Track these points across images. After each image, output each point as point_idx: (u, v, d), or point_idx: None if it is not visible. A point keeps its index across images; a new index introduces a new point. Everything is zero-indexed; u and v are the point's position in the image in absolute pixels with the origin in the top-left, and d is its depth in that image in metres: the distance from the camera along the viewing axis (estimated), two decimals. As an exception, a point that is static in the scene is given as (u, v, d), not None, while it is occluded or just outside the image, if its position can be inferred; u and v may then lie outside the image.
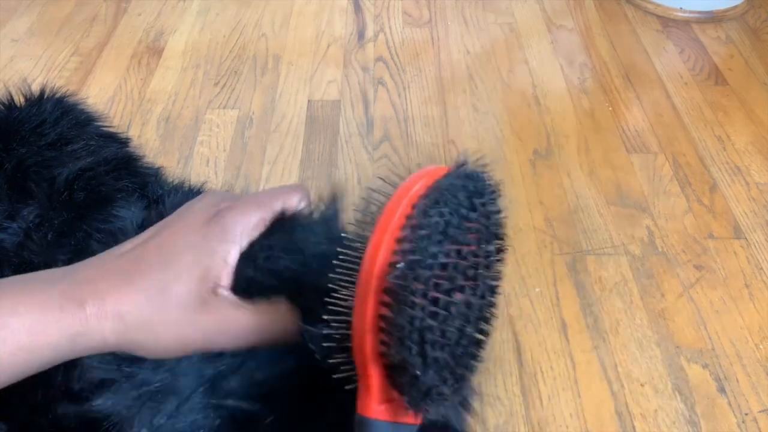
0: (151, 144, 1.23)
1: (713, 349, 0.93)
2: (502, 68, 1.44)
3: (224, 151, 1.22)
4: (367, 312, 0.37)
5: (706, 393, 0.88)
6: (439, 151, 1.23)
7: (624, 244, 1.07)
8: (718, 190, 1.16)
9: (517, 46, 1.50)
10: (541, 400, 0.87)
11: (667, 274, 1.02)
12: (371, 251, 0.37)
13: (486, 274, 0.39)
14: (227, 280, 0.44)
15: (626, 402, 0.87)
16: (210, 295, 0.43)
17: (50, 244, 0.59)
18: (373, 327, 0.37)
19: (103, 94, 1.34)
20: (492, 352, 0.92)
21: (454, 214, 0.38)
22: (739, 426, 0.85)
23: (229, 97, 1.35)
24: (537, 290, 1.00)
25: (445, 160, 1.21)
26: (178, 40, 1.50)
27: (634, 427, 0.85)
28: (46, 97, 0.69)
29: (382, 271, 0.37)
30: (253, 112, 1.31)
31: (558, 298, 0.99)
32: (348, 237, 0.41)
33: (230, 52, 1.47)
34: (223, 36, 1.52)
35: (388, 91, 1.37)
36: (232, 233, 0.44)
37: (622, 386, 0.89)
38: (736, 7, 1.61)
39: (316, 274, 0.42)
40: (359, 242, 0.39)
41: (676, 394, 0.88)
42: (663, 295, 0.99)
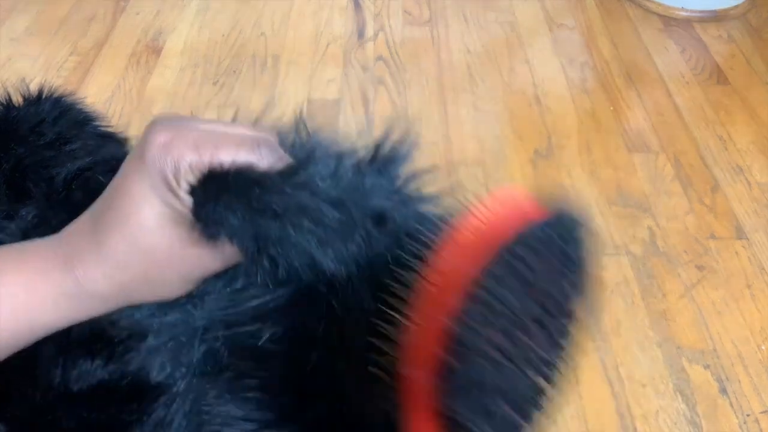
0: (150, 143, 1.22)
1: (715, 350, 0.93)
2: (503, 67, 1.43)
3: (224, 150, 1.22)
4: (427, 351, 0.34)
5: (707, 394, 0.88)
6: (440, 150, 1.23)
7: (625, 245, 1.06)
8: (720, 190, 1.16)
9: (518, 45, 1.50)
10: (542, 401, 0.87)
11: (669, 275, 1.02)
12: (444, 288, 0.34)
13: (559, 325, 0.36)
14: (190, 219, 0.43)
15: (627, 403, 0.87)
16: (186, 230, 0.43)
17: (48, 245, 0.59)
18: (434, 372, 0.34)
19: (101, 94, 1.34)
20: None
21: (535, 260, 0.34)
22: (741, 427, 0.85)
23: (228, 97, 1.34)
24: (538, 290, 0.99)
25: (445, 160, 1.21)
26: (176, 39, 1.50)
27: (635, 428, 0.84)
28: (44, 96, 0.68)
29: (451, 312, 0.33)
30: (253, 112, 1.30)
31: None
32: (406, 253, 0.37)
33: (229, 51, 1.47)
34: (222, 35, 1.51)
35: (388, 90, 1.37)
36: (173, 176, 0.43)
37: (624, 387, 0.88)
38: (738, 6, 1.61)
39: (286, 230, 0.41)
40: (424, 272, 0.35)
41: (678, 394, 0.88)
42: (664, 296, 0.99)
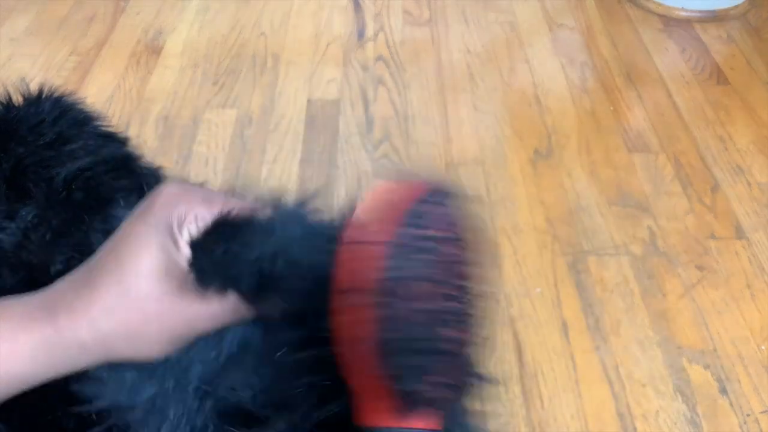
0: (149, 143, 1.22)
1: (715, 350, 0.93)
2: (503, 67, 1.43)
3: (223, 150, 1.22)
4: (356, 328, 0.38)
5: (707, 394, 0.88)
6: (440, 150, 1.23)
7: (625, 245, 1.06)
8: (720, 190, 1.16)
9: (518, 45, 1.50)
10: (542, 401, 0.87)
11: (669, 275, 1.02)
12: (359, 257, 0.38)
13: (459, 280, 0.40)
14: (186, 271, 0.43)
15: (627, 403, 0.87)
16: (178, 283, 0.42)
17: (48, 245, 0.59)
18: (364, 341, 0.38)
19: (101, 94, 1.34)
20: (492, 352, 0.92)
21: (425, 230, 0.39)
22: (741, 427, 0.85)
23: (228, 97, 1.34)
24: (538, 291, 0.99)
25: (445, 160, 1.21)
26: (176, 39, 1.50)
27: (635, 428, 0.84)
28: (44, 96, 0.68)
29: (365, 279, 0.37)
30: (253, 112, 1.31)
31: (559, 299, 0.98)
32: (331, 239, 0.41)
33: (229, 51, 1.47)
34: (222, 35, 1.51)
35: (388, 90, 1.37)
36: (177, 224, 0.43)
37: (624, 387, 0.88)
38: (738, 6, 1.61)
39: (276, 272, 0.42)
40: (342, 246, 0.40)
41: (678, 394, 0.88)
42: (664, 296, 0.99)
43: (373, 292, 0.37)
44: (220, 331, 0.46)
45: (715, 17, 1.58)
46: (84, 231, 0.60)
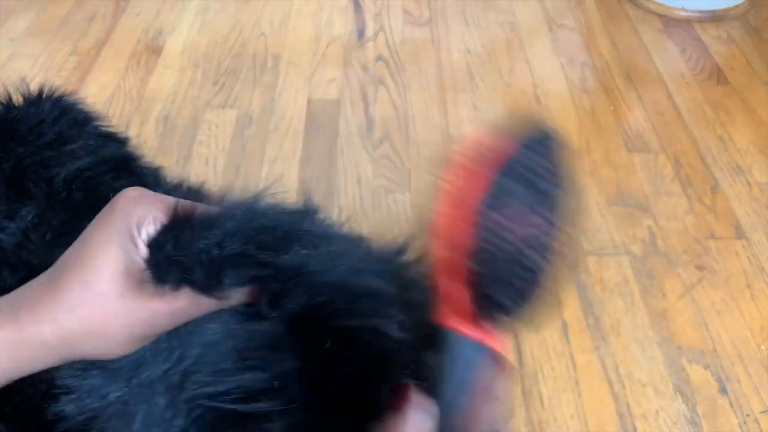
0: (149, 143, 1.22)
1: (715, 350, 0.93)
2: (503, 67, 1.43)
3: (223, 150, 1.22)
4: (458, 233, 0.43)
5: (707, 394, 0.88)
6: (440, 150, 1.23)
7: (625, 245, 1.06)
8: (720, 190, 1.16)
9: (518, 45, 1.50)
10: (542, 401, 0.87)
11: (669, 275, 1.02)
12: (465, 184, 0.44)
13: (551, 216, 0.45)
14: (144, 269, 0.44)
15: (627, 403, 0.87)
16: (137, 283, 0.44)
17: (49, 244, 0.59)
18: (462, 247, 0.43)
19: (101, 94, 1.34)
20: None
21: (533, 172, 0.44)
22: (741, 427, 0.85)
23: (228, 97, 1.34)
24: (538, 290, 0.99)
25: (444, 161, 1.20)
26: (176, 39, 1.50)
27: (635, 428, 0.84)
28: (44, 96, 0.68)
29: (473, 200, 0.43)
30: (253, 112, 1.31)
31: (559, 299, 0.98)
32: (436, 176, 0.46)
33: (229, 51, 1.47)
34: (222, 35, 1.51)
35: (388, 90, 1.37)
36: (136, 225, 0.45)
37: (623, 387, 0.88)
38: (738, 6, 1.61)
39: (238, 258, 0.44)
40: (450, 175, 0.45)
41: (678, 394, 0.88)
42: (664, 296, 0.99)
43: (478, 205, 0.42)
44: (189, 327, 0.47)
45: (715, 17, 1.58)
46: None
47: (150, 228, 0.44)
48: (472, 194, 0.43)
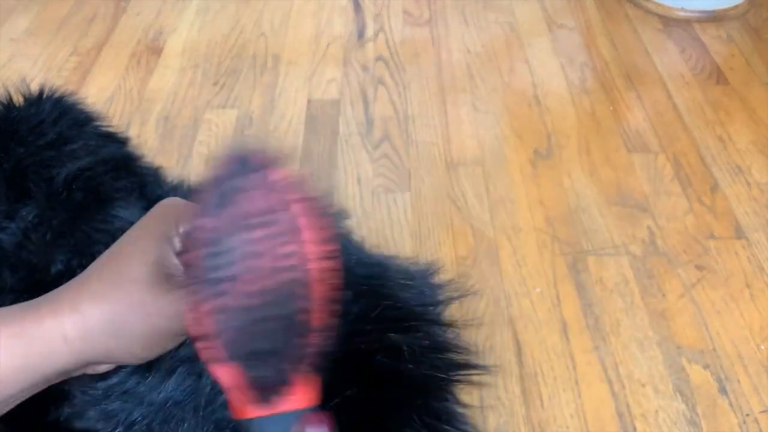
0: (150, 144, 1.22)
1: (714, 350, 0.93)
2: (503, 67, 1.43)
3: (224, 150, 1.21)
4: (195, 325, 0.38)
5: (707, 393, 0.88)
6: (440, 150, 1.23)
7: (625, 244, 1.06)
8: (720, 190, 1.16)
9: (518, 46, 1.50)
10: (542, 401, 0.87)
11: (668, 275, 1.02)
12: (188, 248, 0.38)
13: (304, 246, 0.39)
14: (178, 266, 0.44)
15: (627, 402, 0.87)
16: (166, 277, 0.43)
17: (49, 244, 0.59)
18: (205, 338, 0.38)
19: (101, 94, 1.34)
20: (492, 351, 0.92)
21: (235, 207, 0.38)
22: (741, 426, 0.85)
23: (229, 97, 1.34)
24: (537, 290, 0.99)
25: (445, 160, 1.21)
26: (177, 39, 1.50)
27: (635, 428, 0.85)
28: (44, 96, 0.69)
29: (193, 272, 0.38)
30: (253, 112, 1.31)
31: (558, 299, 0.98)
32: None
33: (229, 51, 1.47)
34: (222, 35, 1.52)
35: (388, 90, 1.37)
36: (174, 226, 0.45)
37: (623, 387, 0.89)
38: (738, 6, 1.61)
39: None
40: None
41: (677, 394, 0.88)
42: (664, 296, 0.99)
43: (201, 284, 0.37)
44: None
45: (715, 17, 1.58)
46: (84, 231, 0.60)
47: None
48: (195, 264, 0.38)
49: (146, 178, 0.69)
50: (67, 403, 0.47)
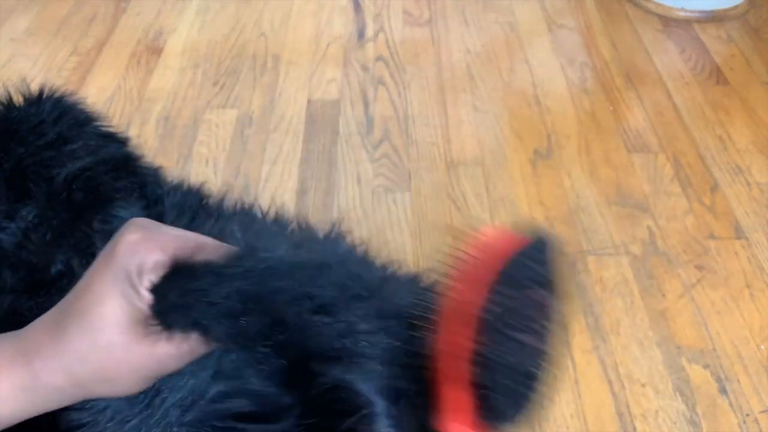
0: (150, 144, 1.22)
1: (714, 350, 0.93)
2: (503, 68, 1.43)
3: (223, 150, 1.22)
4: (458, 341, 0.43)
5: (707, 393, 0.88)
6: (440, 150, 1.23)
7: (625, 244, 1.06)
8: (719, 190, 1.16)
9: (518, 46, 1.50)
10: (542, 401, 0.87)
11: (668, 275, 1.02)
12: (462, 293, 0.44)
13: (546, 324, 0.46)
14: (148, 315, 0.45)
15: (627, 402, 0.87)
16: (142, 328, 0.45)
17: (49, 244, 0.59)
18: (460, 354, 0.43)
19: (102, 94, 1.34)
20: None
21: (528, 281, 0.45)
22: (740, 426, 0.85)
23: (229, 97, 1.34)
24: (537, 290, 0.99)
25: (445, 160, 1.21)
26: (177, 39, 1.50)
27: (635, 428, 0.85)
28: (44, 96, 0.68)
29: (474, 308, 0.42)
30: (253, 112, 1.31)
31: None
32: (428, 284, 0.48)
33: (229, 51, 1.47)
34: (223, 35, 1.52)
35: (388, 90, 1.37)
36: (136, 272, 0.45)
37: (623, 386, 0.89)
38: (737, 6, 1.61)
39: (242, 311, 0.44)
40: (442, 287, 0.45)
41: (677, 394, 0.88)
42: (664, 296, 0.99)
43: (480, 312, 0.43)
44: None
45: (715, 17, 1.58)
46: (84, 231, 0.60)
47: (152, 275, 0.45)
48: (474, 299, 0.43)
49: (146, 178, 0.69)
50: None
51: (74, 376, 0.45)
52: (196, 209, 0.69)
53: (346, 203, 1.12)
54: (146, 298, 0.44)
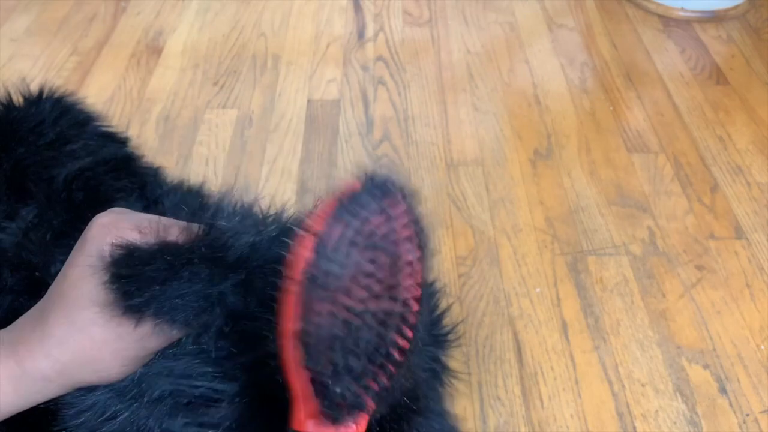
0: (150, 144, 1.22)
1: (714, 350, 0.93)
2: (503, 68, 1.43)
3: (223, 150, 1.22)
4: (286, 323, 0.37)
5: (707, 393, 0.88)
6: (440, 150, 1.23)
7: (625, 244, 1.06)
8: (720, 190, 1.16)
9: (518, 46, 1.50)
10: (542, 401, 0.87)
11: (668, 275, 1.02)
12: (291, 264, 0.37)
13: (407, 282, 0.38)
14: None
15: (627, 402, 0.87)
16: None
17: (49, 245, 0.59)
18: (292, 337, 0.37)
19: (101, 94, 1.34)
20: (492, 351, 0.92)
21: (361, 223, 0.38)
22: (740, 426, 0.85)
23: (229, 97, 1.34)
24: (537, 290, 0.99)
25: (445, 160, 1.21)
26: (177, 39, 1.50)
27: (635, 428, 0.85)
28: (44, 96, 0.69)
29: (297, 283, 0.37)
30: (253, 112, 1.31)
31: (558, 298, 0.98)
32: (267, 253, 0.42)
33: (229, 51, 1.47)
34: (222, 35, 1.52)
35: (388, 90, 1.37)
36: (109, 252, 0.45)
37: (623, 387, 0.89)
38: (738, 6, 1.61)
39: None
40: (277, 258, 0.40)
41: (677, 394, 0.88)
42: (664, 296, 0.99)
43: (298, 284, 0.37)
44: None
45: (715, 17, 1.58)
46: (84, 231, 0.60)
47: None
48: (299, 264, 0.37)
49: (146, 178, 0.69)
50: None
51: (57, 362, 0.45)
52: (196, 209, 0.69)
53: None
54: None
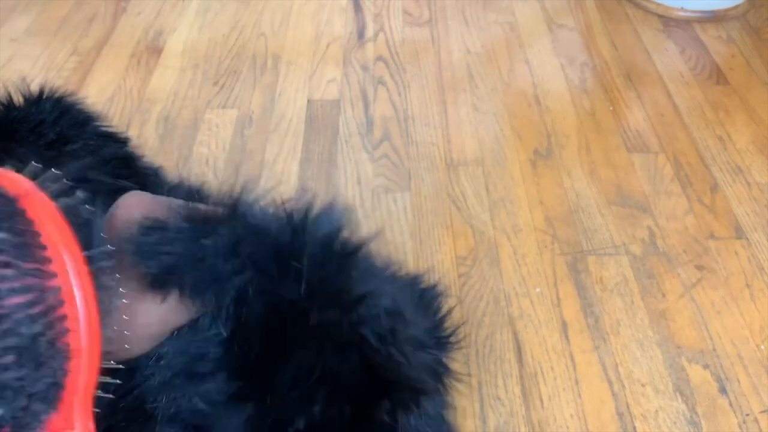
0: (150, 143, 1.22)
1: (714, 350, 0.93)
2: (503, 67, 1.43)
3: (223, 150, 1.22)
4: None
5: (707, 393, 0.88)
6: (440, 150, 1.23)
7: (625, 244, 1.06)
8: (720, 190, 1.16)
9: (518, 46, 1.50)
10: (542, 401, 0.87)
11: (668, 275, 1.02)
12: None
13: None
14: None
15: (627, 402, 0.87)
16: (143, 285, 0.46)
17: (49, 245, 0.59)
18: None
19: (102, 94, 1.34)
20: (492, 351, 0.92)
21: None
22: (740, 426, 0.85)
23: (229, 97, 1.34)
24: (537, 290, 0.99)
25: (445, 160, 1.21)
26: (177, 39, 1.50)
27: (635, 428, 0.85)
28: (45, 96, 0.69)
29: None
30: (253, 112, 1.31)
31: (558, 298, 0.98)
32: None
33: (229, 51, 1.47)
34: (222, 35, 1.52)
35: (388, 90, 1.37)
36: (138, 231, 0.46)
37: (623, 386, 0.89)
38: (738, 6, 1.61)
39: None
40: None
41: (677, 394, 0.88)
42: (664, 296, 0.99)
43: None
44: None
45: (715, 17, 1.58)
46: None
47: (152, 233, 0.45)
48: None
49: (146, 178, 0.69)
50: None
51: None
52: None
53: (346, 203, 1.12)
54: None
